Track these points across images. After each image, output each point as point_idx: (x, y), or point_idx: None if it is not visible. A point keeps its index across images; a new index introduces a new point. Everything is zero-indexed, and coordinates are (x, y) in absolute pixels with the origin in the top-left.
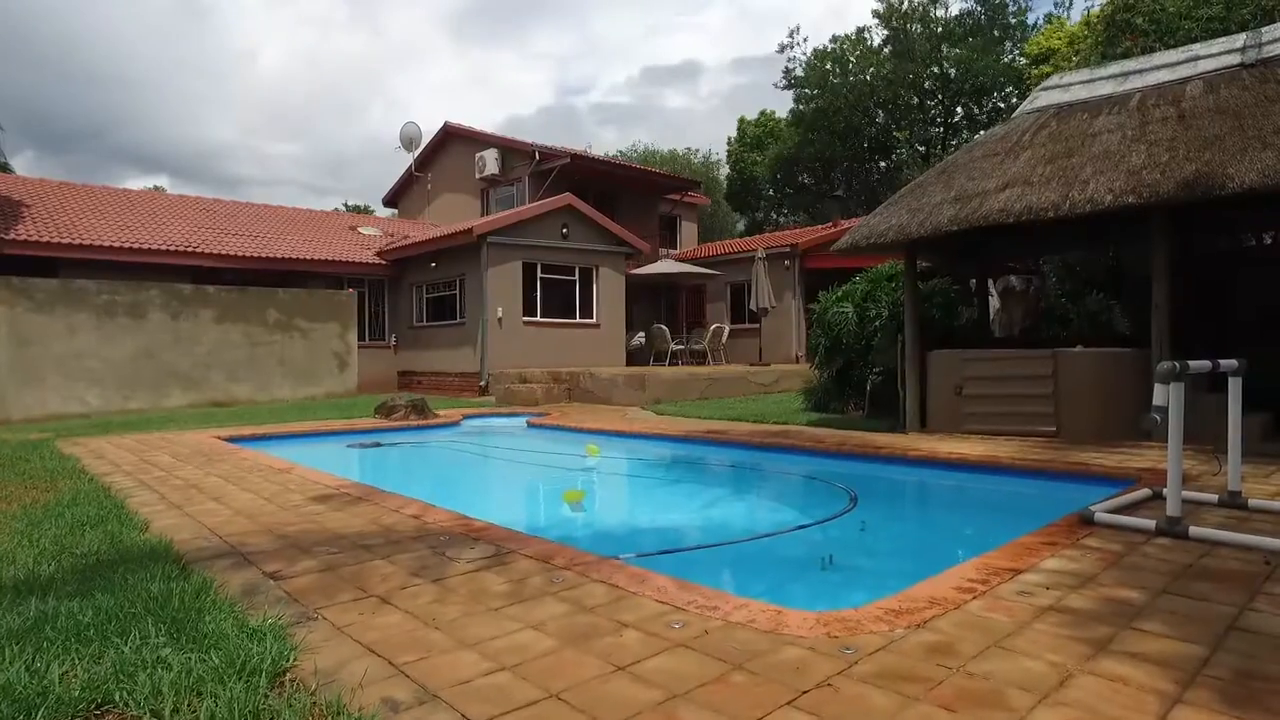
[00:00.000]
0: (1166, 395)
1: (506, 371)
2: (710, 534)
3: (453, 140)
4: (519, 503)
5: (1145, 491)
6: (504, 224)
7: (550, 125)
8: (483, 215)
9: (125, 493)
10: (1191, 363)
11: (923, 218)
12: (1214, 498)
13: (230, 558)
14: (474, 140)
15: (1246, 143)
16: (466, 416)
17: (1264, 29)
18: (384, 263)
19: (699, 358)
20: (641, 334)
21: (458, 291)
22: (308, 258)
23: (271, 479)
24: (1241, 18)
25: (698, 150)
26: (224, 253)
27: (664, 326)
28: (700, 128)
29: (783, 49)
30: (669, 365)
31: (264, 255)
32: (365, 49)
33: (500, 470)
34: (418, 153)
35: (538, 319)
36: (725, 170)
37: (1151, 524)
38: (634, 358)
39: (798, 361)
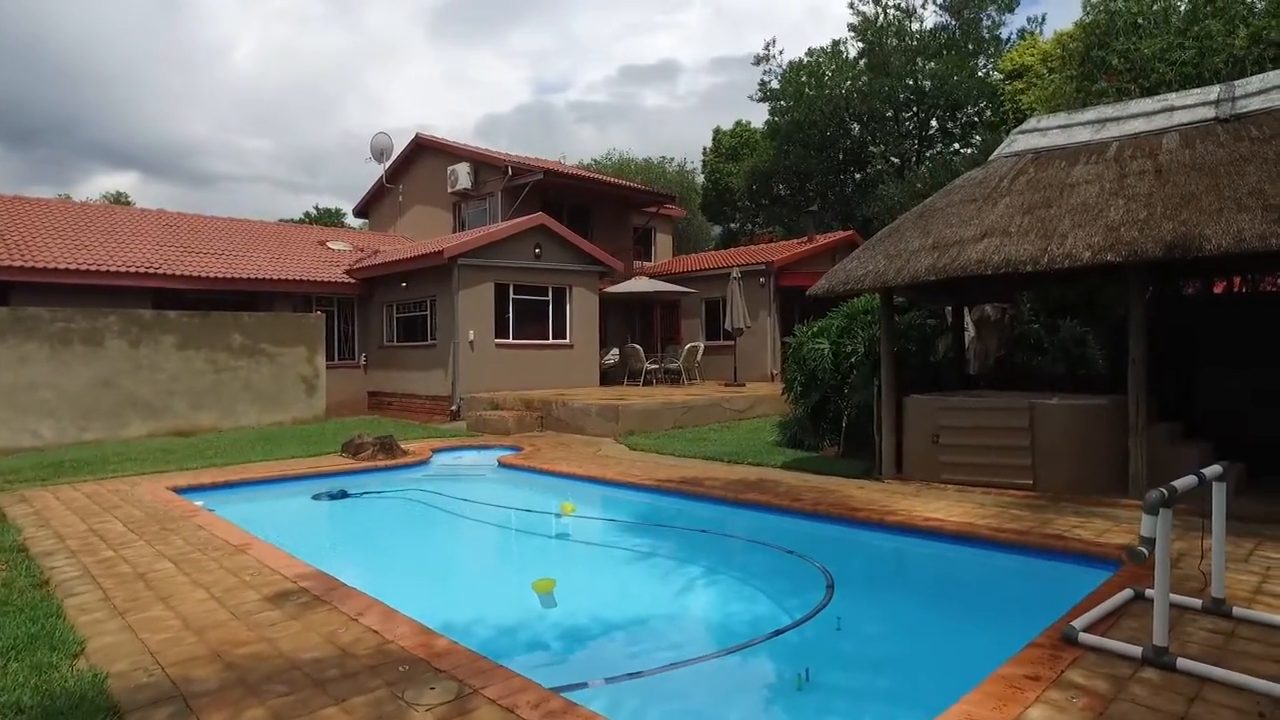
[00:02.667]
0: (1155, 526)
1: (478, 396)
2: (684, 637)
3: (424, 152)
4: (487, 591)
5: (1127, 594)
6: (475, 245)
7: (527, 123)
8: (455, 229)
9: (66, 588)
10: (1178, 484)
11: (900, 265)
12: (1198, 603)
13: (169, 705)
14: (446, 152)
15: (1222, 203)
16: (436, 451)
17: (1237, 82)
18: (354, 281)
19: (674, 377)
20: (615, 351)
21: (429, 313)
22: (275, 277)
23: (227, 562)
24: (1214, 65)
25: (673, 159)
26: (187, 274)
27: (638, 346)
28: (678, 127)
29: (758, 61)
30: (643, 385)
31: (229, 276)
32: (342, 45)
33: (468, 535)
34: (389, 163)
35: (510, 341)
36: (700, 179)
37: (1138, 651)
38: (608, 376)
39: (773, 379)
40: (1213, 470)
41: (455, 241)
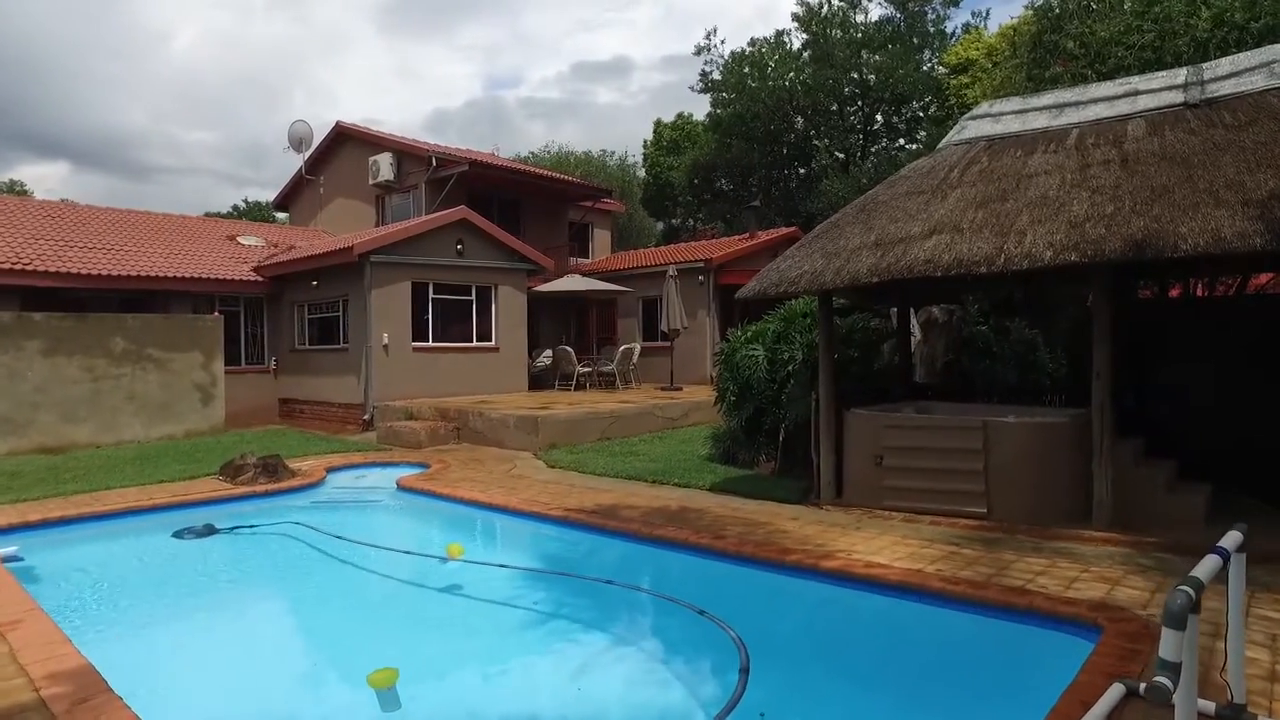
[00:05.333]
0: (1180, 645)
1: (393, 404)
2: None
3: (346, 141)
4: (317, 688)
5: (1118, 691)
6: (390, 241)
7: (478, 120)
8: (378, 223)
9: None
10: (1200, 572)
11: (839, 264)
12: (1211, 706)
13: None
14: (368, 142)
15: (1198, 197)
16: (332, 470)
17: (1205, 65)
18: (262, 279)
19: (608, 380)
20: (548, 352)
21: (341, 314)
22: (170, 275)
23: None
24: (1176, 49)
25: (614, 152)
26: (64, 270)
27: (569, 349)
28: (630, 125)
29: (699, 51)
30: (575, 389)
31: (115, 274)
32: (287, 35)
33: (328, 591)
34: (308, 154)
35: (430, 344)
36: (642, 174)
37: None
38: (540, 380)
39: (712, 382)
40: (1233, 538)
41: (366, 237)
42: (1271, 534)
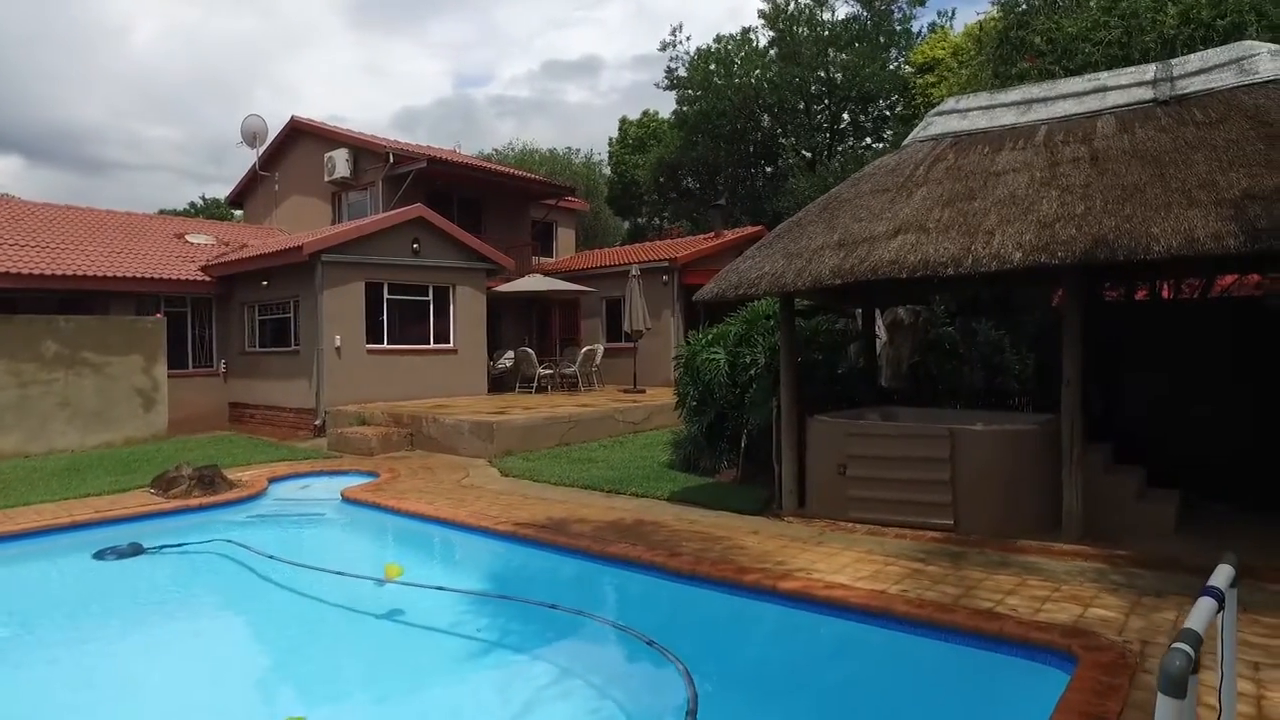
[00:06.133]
0: (1180, 716)
1: (345, 409)
2: None
3: (301, 137)
4: None
5: None
6: (342, 240)
7: (447, 118)
8: (334, 221)
9: None
10: (1194, 622)
11: (801, 265)
12: None
13: None
14: (323, 137)
15: (1170, 197)
16: (276, 479)
17: (1173, 61)
18: (210, 279)
19: (571, 383)
20: (510, 354)
21: (292, 315)
22: (110, 275)
23: None
24: (1144, 45)
25: (579, 150)
26: None
27: (530, 350)
28: (600, 124)
29: (664, 47)
30: (536, 392)
31: (49, 273)
32: (252, 30)
33: (252, 621)
34: (262, 149)
35: (385, 346)
36: (608, 172)
37: None
38: (501, 382)
39: (677, 384)
40: (1224, 574)
41: (317, 236)
42: (1243, 543)
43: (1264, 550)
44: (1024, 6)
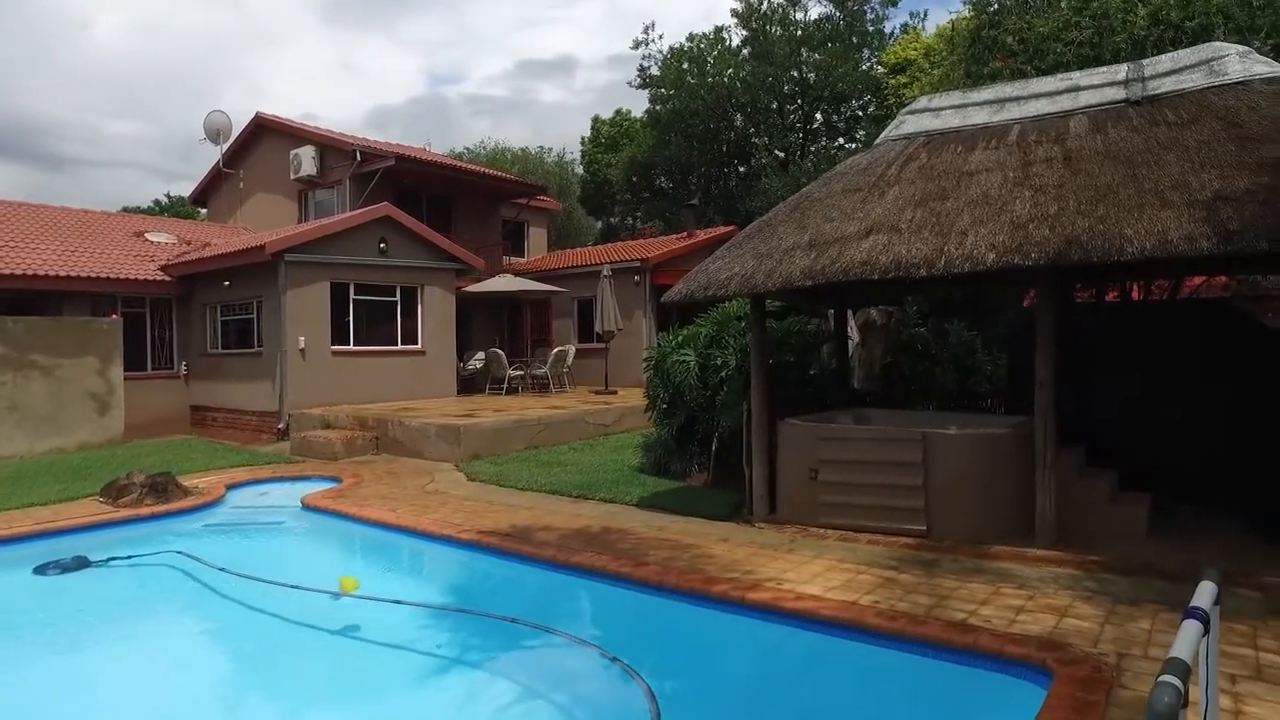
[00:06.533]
0: None
1: (310, 412)
2: None
3: (266, 133)
4: None
5: None
6: (306, 239)
7: (421, 116)
8: (300, 220)
9: None
10: (1180, 651)
11: (771, 266)
12: None
13: None
14: (289, 134)
15: (1143, 198)
16: (234, 486)
17: (1144, 61)
18: (170, 279)
19: (541, 384)
20: (480, 355)
21: (255, 316)
22: (63, 274)
23: None
24: (1114, 45)
25: (551, 149)
26: None
27: (500, 351)
28: (576, 123)
29: (637, 45)
30: (506, 394)
31: None
32: (220, 24)
33: (203, 634)
34: (226, 146)
35: (350, 347)
36: (580, 171)
37: None
38: (471, 384)
39: (646, 386)
40: (1207, 592)
41: (280, 235)
42: (1214, 546)
43: (1234, 553)
44: (995, 6)
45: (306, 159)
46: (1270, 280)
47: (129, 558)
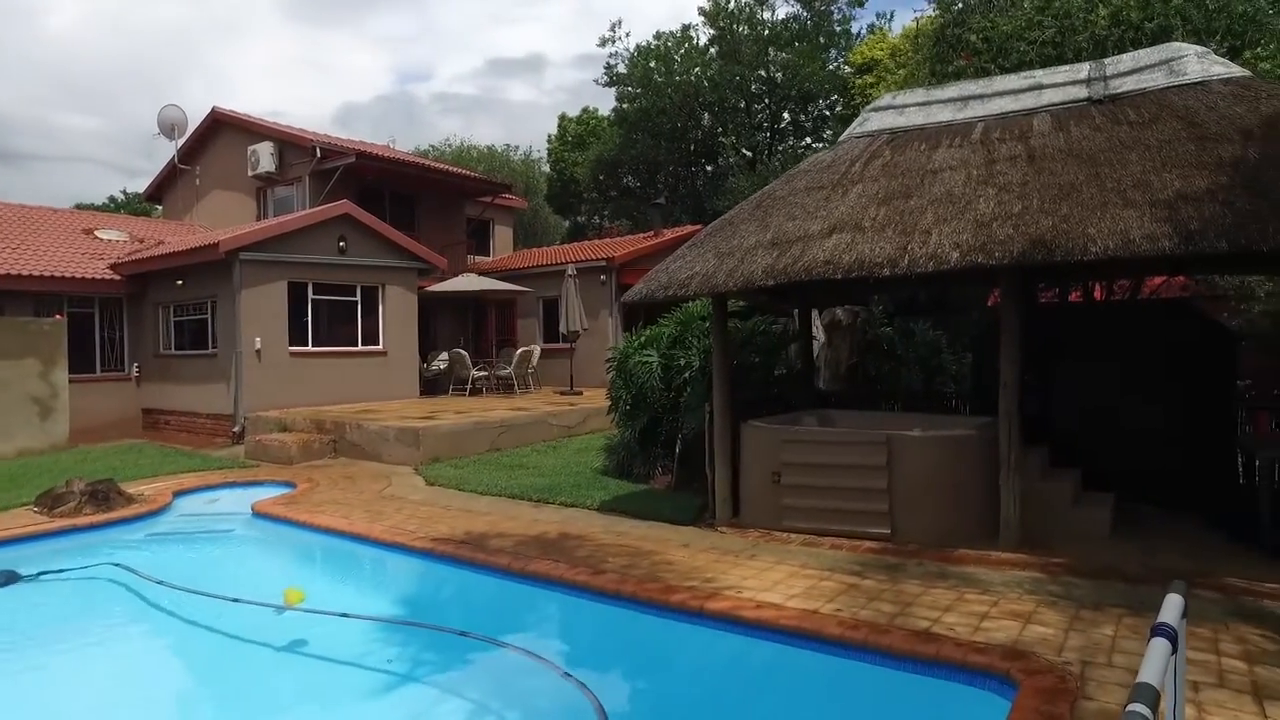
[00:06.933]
0: None
1: (266, 415)
2: None
3: (224, 129)
4: None
5: None
6: (262, 237)
7: (389, 114)
8: (259, 218)
9: None
10: (1148, 676)
11: (733, 265)
12: None
13: None
14: (247, 130)
15: (1106, 196)
16: (183, 493)
17: (1106, 61)
18: (120, 278)
19: (506, 384)
20: (444, 355)
21: (209, 316)
22: (2, 273)
23: None
24: (1076, 44)
25: (518, 147)
26: None
27: (463, 352)
28: (546, 122)
29: (604, 43)
30: (470, 395)
31: None
32: (182, 17)
33: (137, 653)
34: (181, 141)
35: (309, 348)
36: (546, 169)
37: None
38: (435, 385)
39: (609, 387)
40: (1174, 606)
41: (235, 233)
42: (1174, 547)
43: (1196, 554)
44: (960, 5)
45: (265, 155)
46: (1227, 281)
47: (61, 571)
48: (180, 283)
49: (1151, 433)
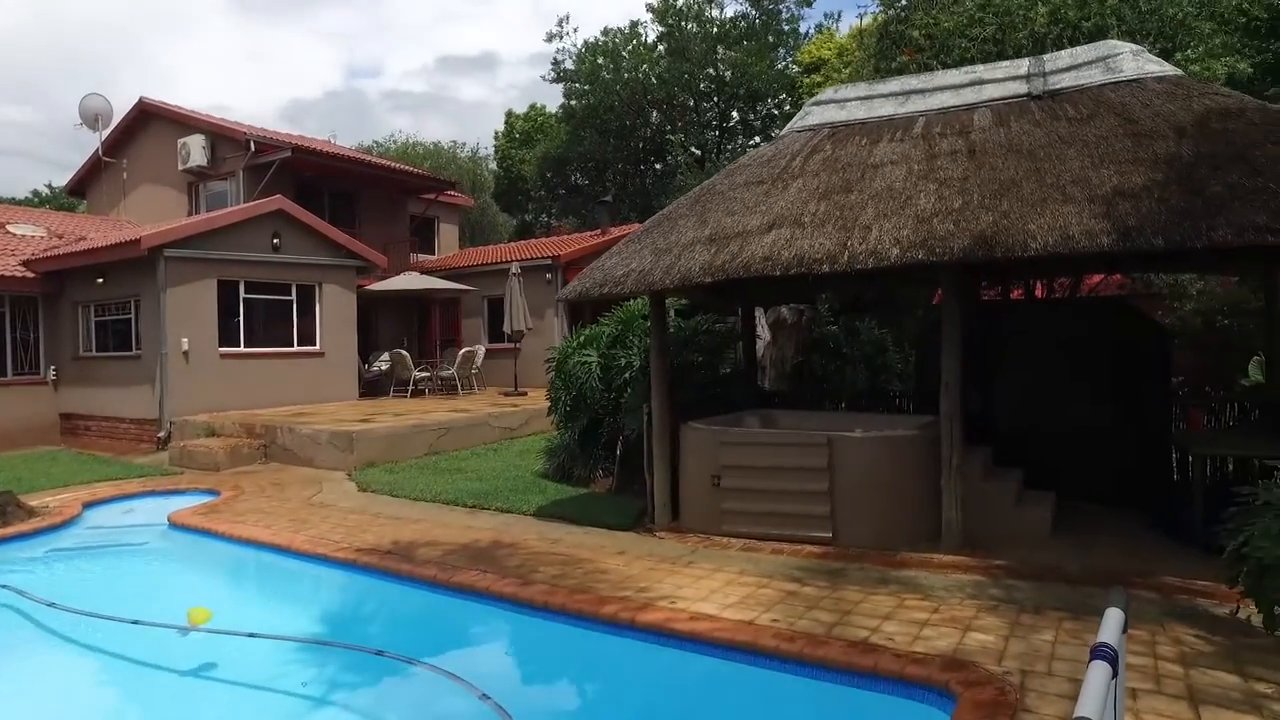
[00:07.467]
0: None
1: (194, 419)
2: None
3: (152, 121)
4: None
5: None
6: (189, 233)
7: (338, 110)
8: (190, 214)
9: None
10: (1089, 700)
11: (670, 262)
12: None
13: None
14: (177, 122)
15: (1046, 192)
16: (95, 503)
17: (1045, 57)
18: (34, 275)
19: (449, 386)
20: (385, 356)
21: (133, 315)
22: None
23: None
24: (1016, 41)
25: (465, 144)
26: None
27: (404, 352)
28: (498, 121)
29: (550, 38)
30: (412, 396)
31: None
32: (118, 8)
33: (22, 690)
34: (106, 132)
35: (241, 349)
36: (493, 166)
37: None
38: (377, 386)
39: (549, 388)
40: (1114, 621)
41: (159, 229)
42: (1112, 545)
43: (1132, 552)
44: (904, 1)
45: (196, 148)
46: (1161, 279)
47: None
48: (101, 281)
49: (1091, 430)
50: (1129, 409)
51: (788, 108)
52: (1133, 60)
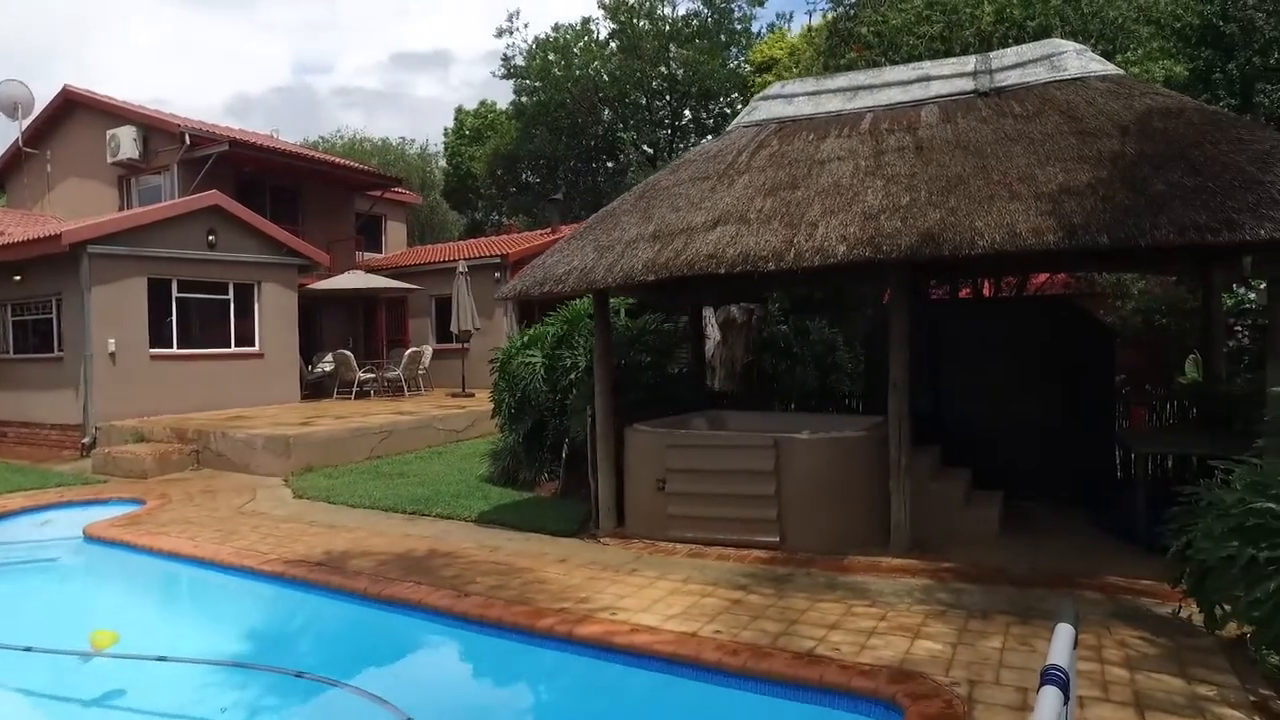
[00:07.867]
0: None
1: (122, 424)
2: None
3: (79, 110)
4: None
5: None
6: (116, 229)
7: (286, 106)
8: (121, 209)
9: None
10: (1041, 716)
11: (612, 260)
12: None
13: None
14: (105, 112)
15: (993, 189)
16: (7, 515)
17: (992, 54)
18: None
19: (395, 387)
20: (329, 357)
21: (55, 315)
22: None
23: None
24: (963, 39)
25: (414, 140)
26: None
27: (348, 353)
28: (452, 119)
29: (501, 34)
30: (356, 398)
31: None
32: None
33: None
34: (27, 122)
35: (173, 351)
36: (444, 164)
37: None
38: (321, 388)
39: (493, 389)
40: (1065, 638)
41: (81, 224)
42: (1058, 545)
43: (1078, 552)
44: None
45: (126, 140)
46: (1104, 279)
47: None
48: (18, 278)
49: (1037, 428)
50: (1074, 407)
51: (739, 107)
52: (1077, 59)
